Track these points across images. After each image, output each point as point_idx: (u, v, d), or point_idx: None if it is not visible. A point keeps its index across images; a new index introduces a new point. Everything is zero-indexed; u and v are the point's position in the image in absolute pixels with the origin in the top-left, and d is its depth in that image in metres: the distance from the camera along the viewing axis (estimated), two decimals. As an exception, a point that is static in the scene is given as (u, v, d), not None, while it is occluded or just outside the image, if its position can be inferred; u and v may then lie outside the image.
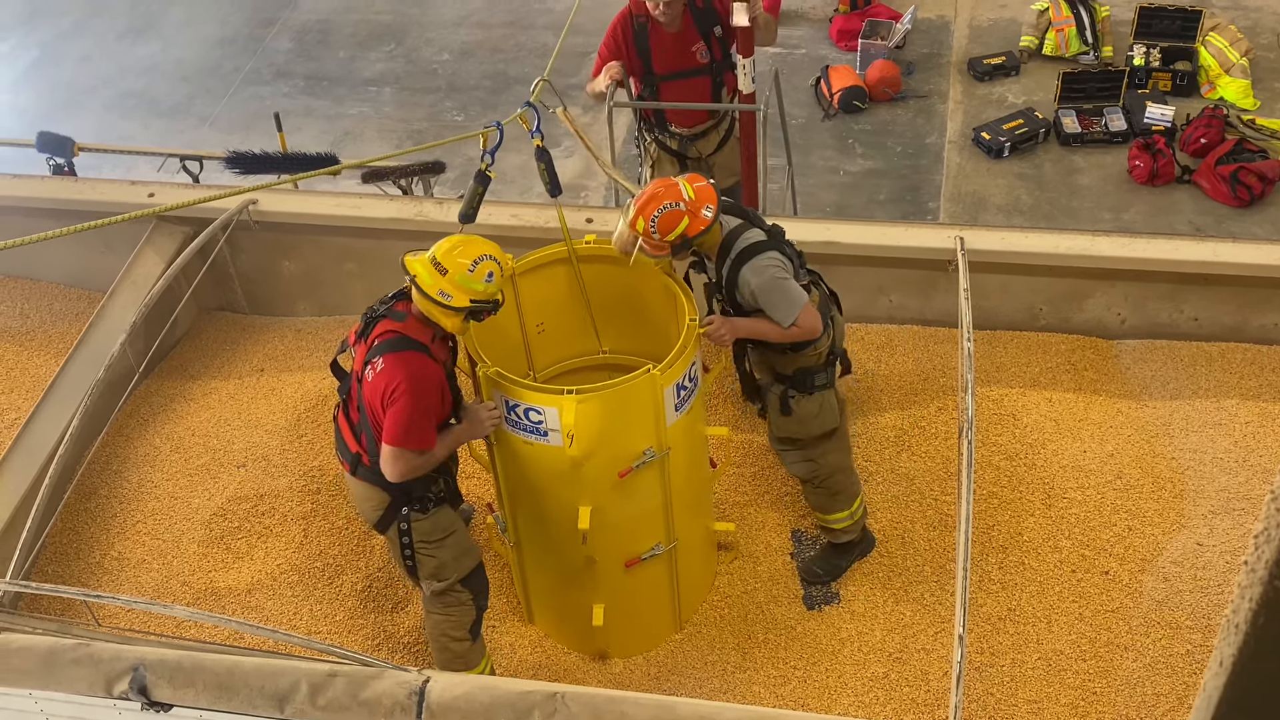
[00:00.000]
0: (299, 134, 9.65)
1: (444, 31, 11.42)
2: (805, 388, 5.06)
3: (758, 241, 4.78)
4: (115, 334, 6.08)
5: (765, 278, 4.73)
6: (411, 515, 4.68)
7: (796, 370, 5.04)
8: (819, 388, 5.07)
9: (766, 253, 4.76)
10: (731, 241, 4.80)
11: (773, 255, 4.76)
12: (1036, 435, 5.91)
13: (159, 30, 11.82)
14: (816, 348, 4.99)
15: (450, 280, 4.33)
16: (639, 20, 6.31)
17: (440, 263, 4.34)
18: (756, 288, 4.74)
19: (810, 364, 5.02)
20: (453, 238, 4.45)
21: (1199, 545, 5.39)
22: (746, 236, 4.79)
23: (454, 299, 4.34)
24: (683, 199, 4.64)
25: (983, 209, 8.91)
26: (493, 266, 4.38)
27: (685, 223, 4.64)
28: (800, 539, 5.68)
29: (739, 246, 4.78)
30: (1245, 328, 6.25)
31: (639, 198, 4.71)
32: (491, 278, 4.38)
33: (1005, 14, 10.88)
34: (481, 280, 4.35)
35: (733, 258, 4.78)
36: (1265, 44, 10.17)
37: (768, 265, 4.74)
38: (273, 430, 6.20)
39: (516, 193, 8.86)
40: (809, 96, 10.09)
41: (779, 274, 4.74)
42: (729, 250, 4.80)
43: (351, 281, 6.89)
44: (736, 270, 4.77)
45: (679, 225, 4.63)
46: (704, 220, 4.66)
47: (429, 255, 4.39)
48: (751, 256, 4.75)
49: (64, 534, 5.80)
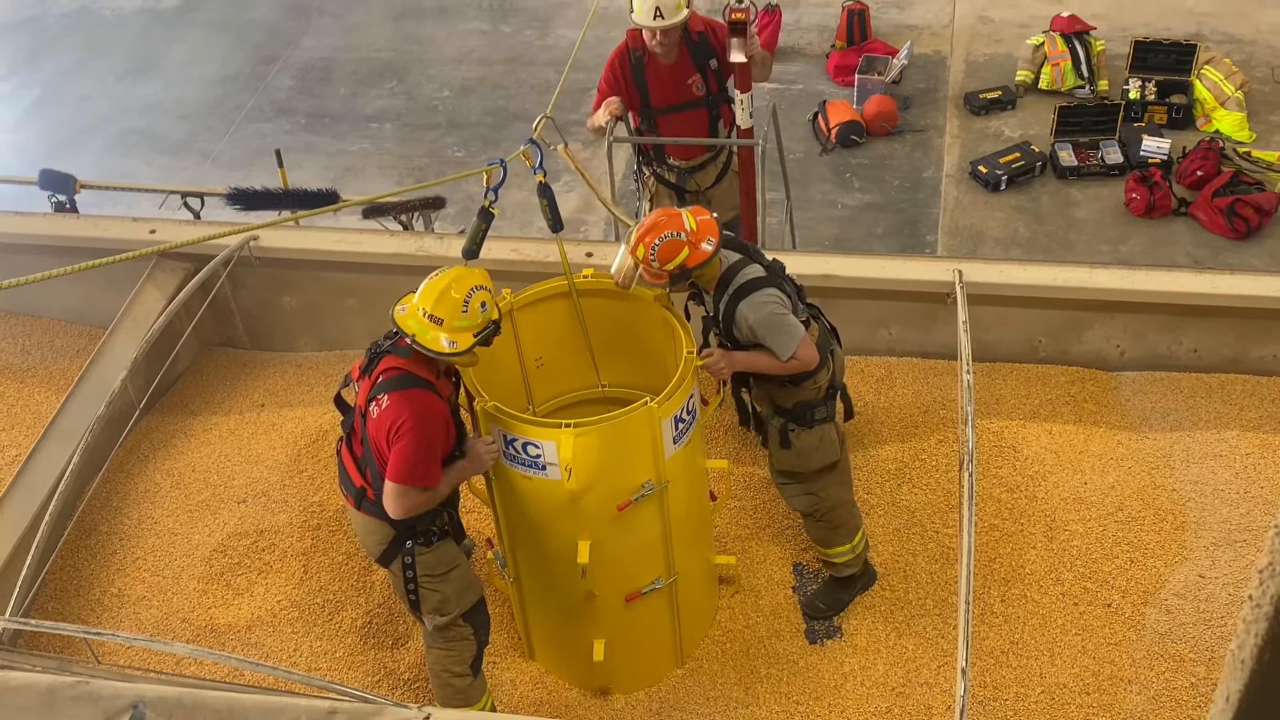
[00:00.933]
0: (300, 170, 9.70)
1: (445, 68, 11.50)
2: (805, 421, 5.07)
3: (756, 278, 4.80)
4: (116, 370, 6.08)
5: (763, 313, 4.74)
6: (415, 549, 4.67)
7: (796, 404, 5.04)
8: (819, 421, 5.07)
9: (765, 289, 4.78)
10: (731, 276, 4.82)
11: (771, 291, 4.78)
12: (1037, 467, 5.90)
13: (160, 69, 11.90)
14: (816, 381, 4.99)
15: (449, 328, 4.31)
16: (636, 54, 6.36)
17: (434, 315, 4.30)
18: (754, 323, 4.75)
19: (810, 397, 5.03)
20: (431, 283, 4.37)
21: (1201, 577, 5.37)
22: (745, 272, 4.81)
23: (460, 343, 4.33)
24: (684, 229, 4.66)
25: (980, 242, 8.94)
26: (482, 295, 4.35)
27: (685, 253, 4.66)
28: (802, 572, 5.66)
29: (737, 282, 4.79)
30: (1245, 359, 6.26)
31: (641, 225, 4.74)
32: (485, 306, 4.36)
33: (1001, 49, 10.96)
34: (477, 314, 4.34)
35: (731, 293, 4.80)
36: (1260, 77, 10.24)
37: (765, 301, 4.75)
38: (273, 466, 6.19)
39: (516, 227, 8.90)
40: (807, 131, 10.15)
41: (777, 309, 4.76)
42: (727, 285, 4.82)
43: (352, 317, 6.91)
44: (734, 305, 4.79)
45: (679, 255, 4.66)
46: (704, 253, 4.68)
47: (418, 308, 4.33)
48: (750, 292, 4.77)
49: (64, 570, 5.79)
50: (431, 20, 12.23)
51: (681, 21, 6.15)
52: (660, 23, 6.09)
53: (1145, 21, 11.09)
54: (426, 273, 4.44)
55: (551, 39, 11.77)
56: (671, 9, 6.08)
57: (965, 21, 11.42)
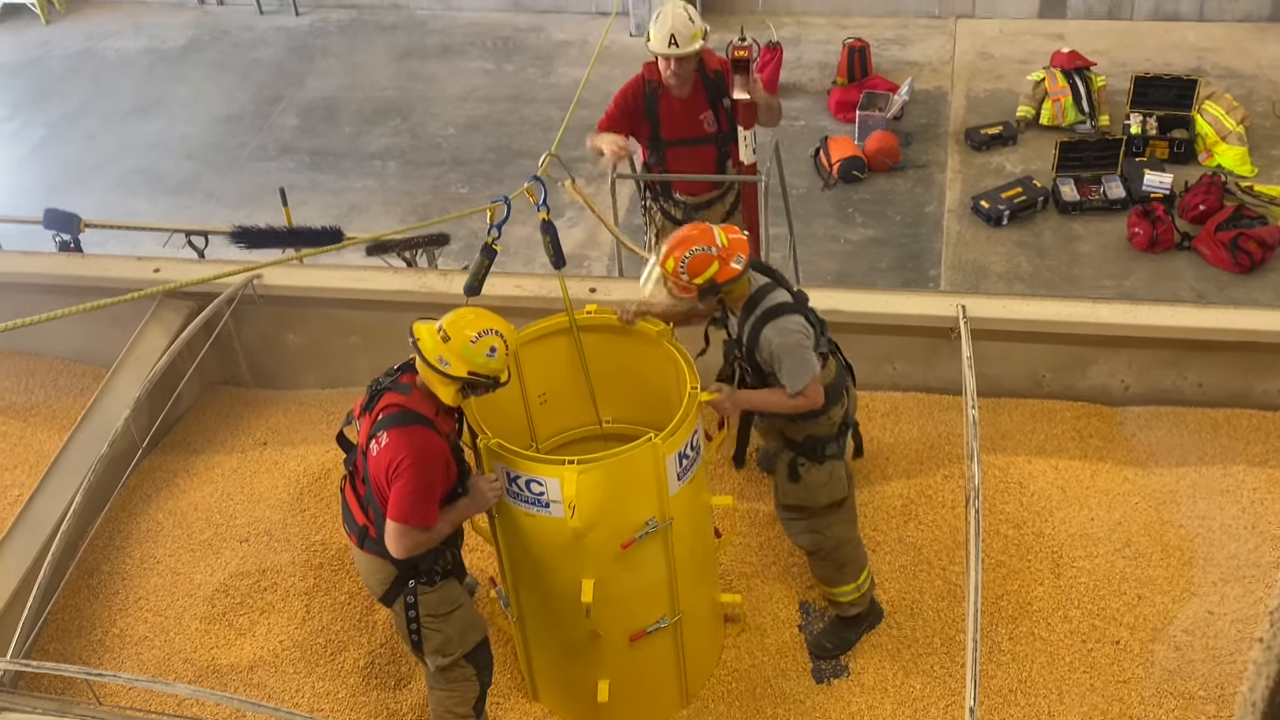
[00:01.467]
0: (305, 208, 9.73)
1: (448, 106, 11.56)
2: (815, 456, 5.04)
3: (784, 302, 4.81)
4: (119, 409, 6.08)
5: (789, 340, 4.74)
6: (418, 589, 4.65)
7: (807, 438, 5.02)
8: (829, 457, 5.05)
9: (792, 315, 4.78)
10: (759, 299, 4.82)
11: (798, 319, 4.78)
12: (1044, 503, 5.87)
13: (165, 109, 11.96)
14: (830, 416, 4.98)
15: (451, 348, 4.32)
16: (651, 85, 6.41)
17: (445, 330, 4.34)
18: (777, 347, 4.74)
19: (822, 432, 5.01)
20: (465, 309, 4.44)
21: (1210, 613, 5.33)
22: (773, 296, 4.82)
23: (451, 367, 4.33)
24: (715, 244, 4.67)
25: (983, 276, 8.94)
26: (496, 342, 4.36)
27: (715, 268, 4.66)
28: (808, 611, 5.62)
29: (765, 304, 4.79)
30: (1250, 393, 6.24)
31: (672, 238, 4.75)
32: (494, 353, 4.36)
33: (1001, 85, 11.00)
34: (483, 354, 4.34)
35: (758, 315, 4.79)
36: (1261, 111, 10.27)
37: (793, 329, 4.75)
38: (275, 505, 6.17)
39: (520, 263, 8.91)
40: (809, 167, 10.18)
41: (802, 340, 4.75)
42: (754, 306, 4.81)
43: (356, 354, 6.91)
44: (760, 328, 4.78)
45: (708, 269, 4.66)
46: (733, 270, 4.68)
47: (437, 324, 4.39)
48: (776, 316, 4.76)
49: (66, 611, 5.76)
50: (435, 59, 12.31)
51: (696, 51, 6.19)
52: (675, 50, 6.13)
53: (1145, 57, 11.14)
54: (430, 309, 4.46)
55: (554, 77, 11.84)
56: (687, 38, 6.12)
57: (966, 58, 11.47)
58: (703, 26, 6.21)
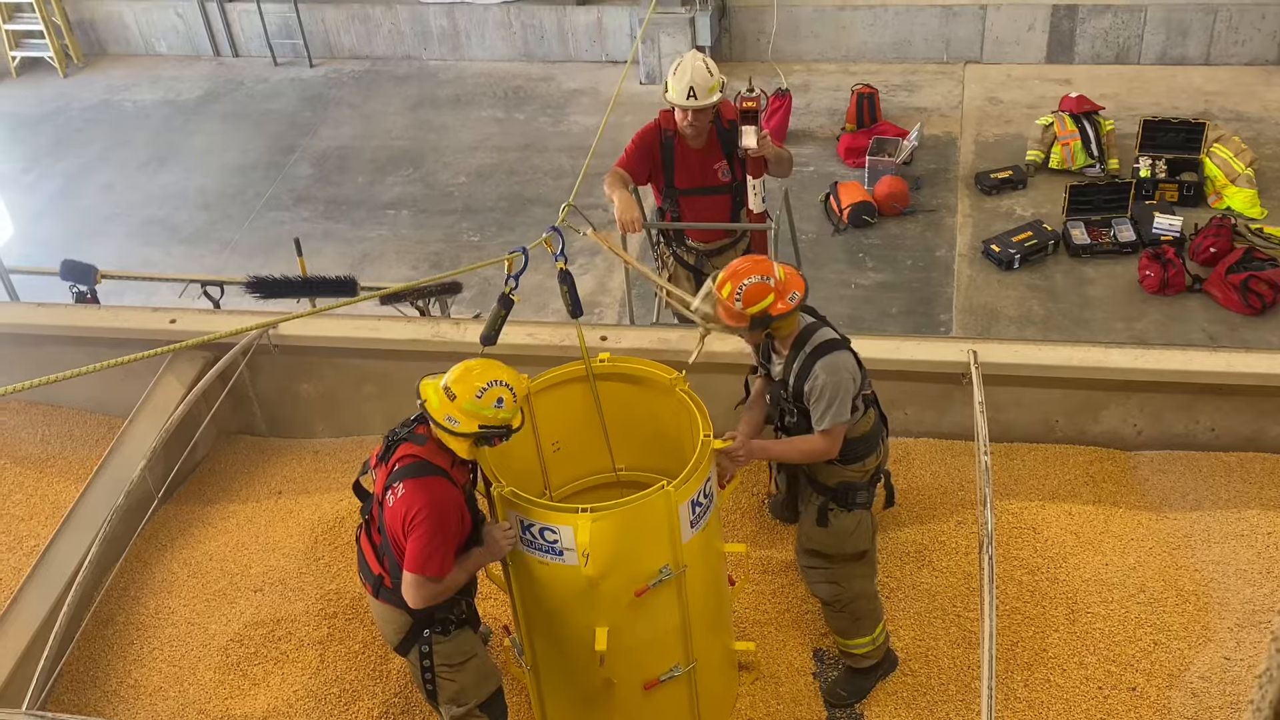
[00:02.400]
0: (319, 257, 9.81)
1: (460, 155, 11.66)
2: (846, 503, 5.04)
3: (835, 339, 4.82)
4: (135, 460, 6.11)
5: (837, 378, 4.72)
6: (433, 638, 4.65)
7: (839, 483, 5.02)
8: (858, 505, 5.05)
9: (844, 352, 4.79)
10: (808, 335, 4.82)
11: (848, 358, 4.79)
12: (1058, 549, 5.86)
13: (180, 159, 12.10)
14: (865, 464, 4.99)
15: (458, 406, 4.34)
16: (667, 133, 6.47)
17: (450, 388, 4.35)
18: (823, 384, 4.72)
19: (855, 479, 5.01)
20: (468, 362, 4.46)
21: (1226, 659, 5.30)
22: (823, 333, 4.83)
23: (460, 424, 4.34)
24: (774, 276, 4.70)
25: (995, 320, 8.96)
26: (502, 392, 4.36)
27: (770, 299, 4.68)
28: (823, 658, 5.60)
29: (816, 339, 4.80)
30: (1263, 437, 6.23)
31: (730, 266, 4.78)
32: (501, 404, 4.36)
33: (1010, 129, 11.07)
34: (490, 406, 4.35)
35: (808, 351, 4.79)
36: (1269, 154, 10.31)
37: (844, 368, 4.74)
38: (290, 554, 6.19)
39: (532, 311, 8.96)
40: (819, 212, 10.24)
41: (848, 384, 4.74)
42: (803, 343, 4.82)
43: (370, 403, 6.94)
44: (812, 361, 4.76)
45: (764, 300, 4.68)
46: (787, 304, 4.70)
47: (441, 380, 4.40)
48: (830, 351, 4.77)
49: (81, 661, 5.77)
50: (447, 109, 12.44)
51: (715, 104, 6.26)
52: (694, 103, 6.20)
53: (1153, 101, 11.22)
54: (444, 358, 4.49)
55: (565, 125, 11.95)
56: (705, 90, 6.19)
57: (974, 103, 11.56)
58: (720, 79, 6.28)
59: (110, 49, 14.03)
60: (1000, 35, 11.98)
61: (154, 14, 13.72)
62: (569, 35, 12.83)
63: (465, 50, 13.18)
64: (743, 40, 12.46)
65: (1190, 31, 11.60)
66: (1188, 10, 11.52)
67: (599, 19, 12.67)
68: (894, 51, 12.26)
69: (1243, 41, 11.58)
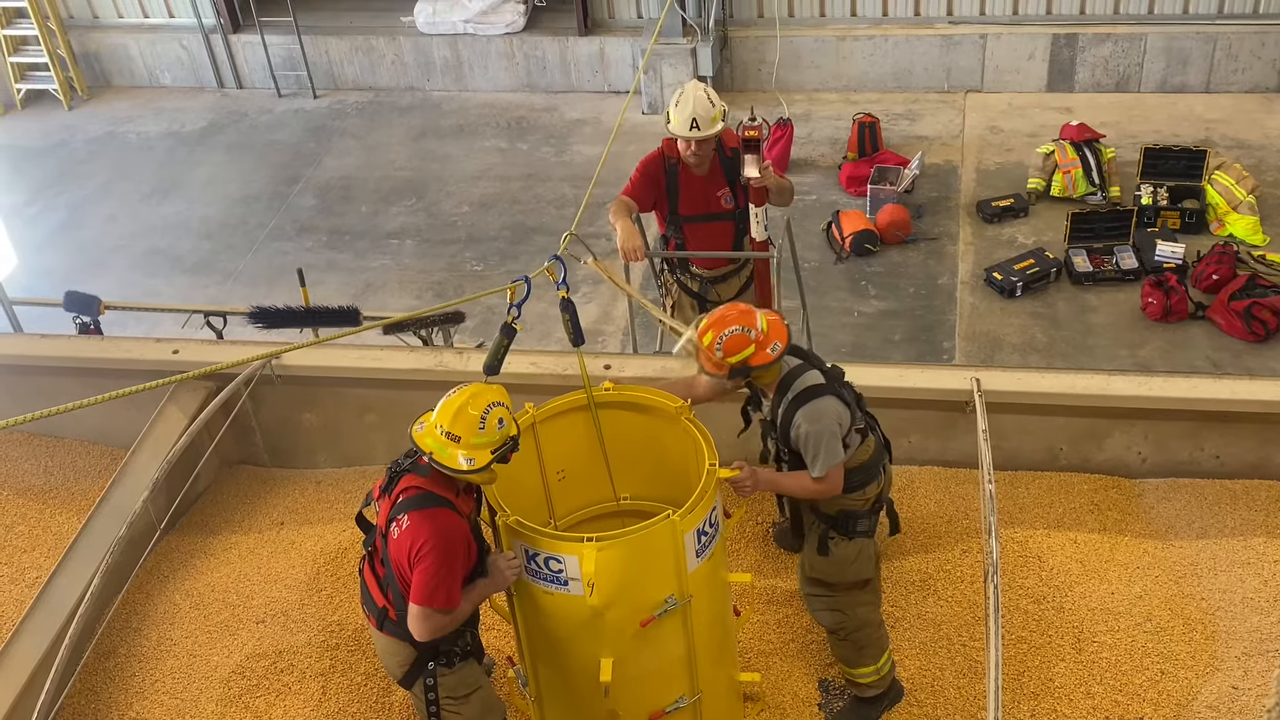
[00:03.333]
0: (322, 287, 9.82)
1: (463, 185, 11.70)
2: (847, 531, 5.04)
3: (816, 385, 4.82)
4: (138, 491, 6.10)
5: (819, 427, 4.75)
6: (438, 670, 4.63)
7: (840, 511, 5.02)
8: (860, 533, 5.05)
9: (825, 398, 4.79)
10: (790, 381, 4.84)
11: (831, 403, 4.79)
12: (1063, 577, 5.83)
13: (184, 190, 12.13)
14: (865, 493, 4.99)
15: (466, 445, 4.29)
16: (670, 161, 6.48)
17: (450, 433, 4.30)
18: (805, 433, 4.76)
19: (855, 507, 5.01)
20: (448, 401, 4.37)
21: (1234, 689, 5.27)
22: (806, 378, 4.84)
23: (477, 460, 4.31)
24: (755, 328, 4.72)
25: (998, 348, 8.96)
26: (500, 412, 4.33)
27: (750, 350, 4.70)
28: (828, 689, 5.57)
29: (797, 387, 4.82)
30: (1268, 464, 6.22)
31: (713, 314, 4.80)
32: (503, 423, 4.34)
33: (1011, 158, 11.10)
34: (494, 430, 4.32)
35: (790, 398, 4.81)
36: (1271, 181, 10.33)
37: (825, 413, 4.76)
38: (292, 585, 6.17)
39: (535, 339, 8.96)
40: (821, 240, 10.26)
41: (833, 427, 4.77)
42: (787, 389, 4.84)
43: (372, 433, 6.93)
44: (792, 411, 4.80)
45: (743, 351, 4.70)
46: (768, 356, 4.73)
47: (435, 426, 4.33)
48: (808, 400, 4.78)
49: (82, 694, 5.73)
50: (450, 139, 12.48)
51: (717, 134, 6.28)
52: (696, 134, 6.21)
53: (1154, 128, 11.25)
54: (446, 388, 4.46)
55: (568, 155, 11.99)
56: (708, 121, 6.21)
57: (975, 131, 11.59)
58: (722, 108, 6.30)
59: (115, 81, 14.09)
60: (1000, 64, 12.03)
61: (158, 46, 13.79)
62: (571, 66, 12.89)
63: (468, 81, 13.24)
64: (744, 70, 12.51)
65: (1190, 59, 11.64)
66: (1188, 38, 11.57)
67: (601, 49, 12.73)
68: (895, 81, 12.31)
69: (1243, 69, 11.62)
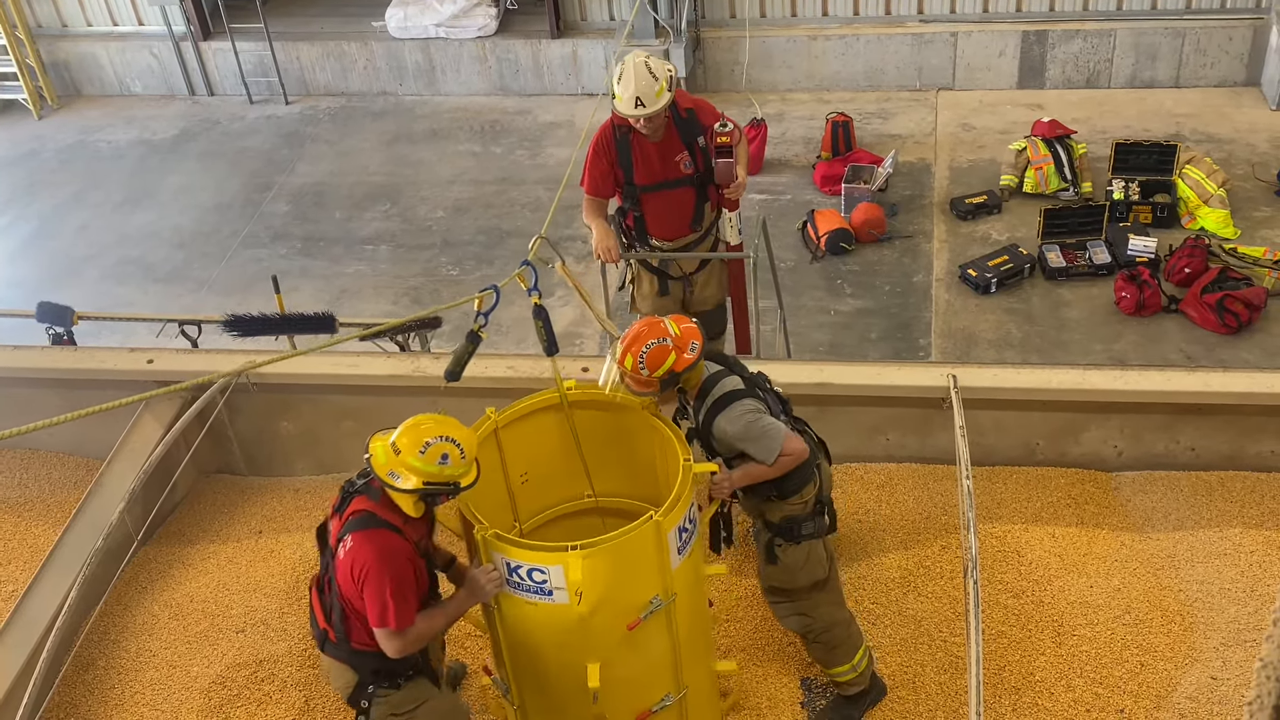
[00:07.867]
0: (297, 294, 9.77)
1: (438, 190, 11.67)
2: (792, 536, 5.06)
3: (734, 390, 4.85)
4: (114, 502, 6.06)
5: (740, 424, 4.79)
6: (376, 692, 4.60)
7: (783, 518, 5.04)
8: (805, 536, 5.06)
9: (740, 400, 4.83)
10: (710, 386, 4.87)
11: (746, 402, 4.83)
12: (1042, 572, 5.86)
13: (156, 199, 12.05)
14: (803, 495, 5.00)
15: (402, 461, 4.23)
16: (621, 130, 6.32)
17: (396, 443, 4.25)
18: (734, 435, 4.81)
19: (797, 512, 5.03)
20: (419, 417, 4.33)
21: (1213, 679, 5.30)
22: (724, 384, 4.86)
23: (403, 480, 4.23)
24: (669, 335, 4.74)
25: (974, 344, 9.00)
26: (448, 449, 4.23)
27: (672, 358, 4.72)
28: (810, 687, 5.58)
29: (715, 394, 4.85)
30: (1242, 456, 6.26)
31: (625, 337, 4.80)
32: (446, 460, 4.23)
33: (984, 155, 11.15)
34: (434, 463, 4.22)
35: (709, 404, 4.85)
36: (1241, 174, 10.41)
37: (741, 410, 4.80)
38: (271, 594, 6.13)
39: (512, 343, 8.95)
40: (796, 240, 10.28)
41: (752, 416, 4.80)
42: (707, 395, 4.87)
43: (350, 439, 6.88)
44: (712, 418, 4.84)
45: (666, 361, 4.72)
46: (689, 358, 4.76)
47: (390, 434, 4.29)
48: (726, 405, 4.82)
49: (61, 708, 5.69)
50: (424, 143, 12.45)
51: (663, 108, 6.13)
52: (642, 111, 6.09)
53: (1125, 124, 11.32)
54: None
55: (542, 158, 11.97)
56: (652, 97, 6.07)
57: (947, 129, 11.64)
58: (666, 76, 6.11)
59: (85, 90, 13.99)
60: (971, 62, 12.09)
61: (129, 54, 13.70)
62: (544, 68, 12.88)
63: (441, 85, 13.21)
64: (717, 71, 12.53)
65: (1159, 55, 11.73)
66: (1156, 34, 11.65)
67: (574, 52, 12.73)
68: (867, 80, 12.35)
69: (1211, 64, 11.71)
